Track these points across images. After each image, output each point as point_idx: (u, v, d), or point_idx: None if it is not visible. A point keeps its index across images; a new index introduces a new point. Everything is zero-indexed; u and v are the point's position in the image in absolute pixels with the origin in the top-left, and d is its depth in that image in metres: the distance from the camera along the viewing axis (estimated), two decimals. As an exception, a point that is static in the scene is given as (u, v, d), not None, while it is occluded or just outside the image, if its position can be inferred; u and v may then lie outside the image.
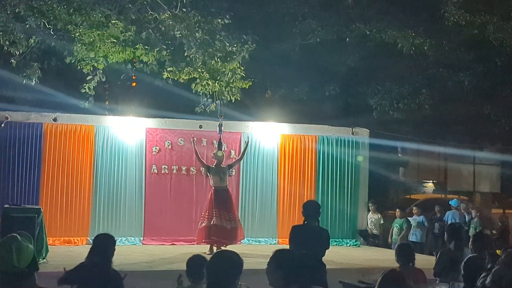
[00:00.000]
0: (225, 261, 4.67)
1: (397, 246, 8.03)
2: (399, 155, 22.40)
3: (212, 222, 13.56)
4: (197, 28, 13.71)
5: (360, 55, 17.90)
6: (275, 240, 16.60)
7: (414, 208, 18.13)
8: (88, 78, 14.58)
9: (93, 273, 6.65)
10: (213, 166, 14.10)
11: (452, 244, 8.13)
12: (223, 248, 13.43)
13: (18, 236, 4.09)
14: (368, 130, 17.91)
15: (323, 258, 8.33)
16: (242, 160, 15.73)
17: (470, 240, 8.22)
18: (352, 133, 17.55)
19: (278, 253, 5.06)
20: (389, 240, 16.85)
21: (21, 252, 4.00)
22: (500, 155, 21.30)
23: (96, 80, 14.64)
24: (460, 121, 19.74)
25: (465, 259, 6.46)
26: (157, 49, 14.07)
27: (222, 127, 14.86)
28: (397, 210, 17.35)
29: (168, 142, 16.22)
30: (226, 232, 13.59)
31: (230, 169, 14.77)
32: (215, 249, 13.36)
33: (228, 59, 14.16)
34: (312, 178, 17.16)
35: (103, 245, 6.90)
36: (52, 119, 15.54)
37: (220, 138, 14.79)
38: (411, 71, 18.35)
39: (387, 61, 18.12)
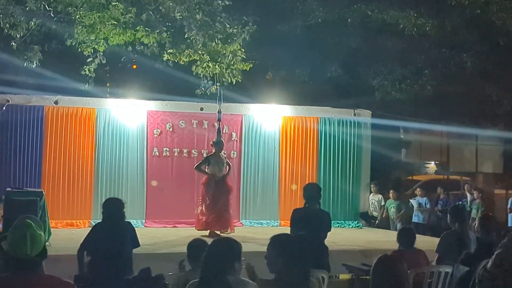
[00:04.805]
0: (221, 246, 4.68)
1: (399, 229, 8.04)
2: (401, 136, 22.35)
3: (205, 211, 13.44)
4: (197, 10, 13.65)
5: (362, 36, 17.81)
6: (277, 222, 16.59)
7: (417, 189, 18.15)
8: (88, 60, 14.53)
9: (107, 227, 7.28)
10: (212, 155, 13.78)
11: (456, 225, 8.12)
12: (218, 232, 13.31)
13: (33, 223, 4.08)
14: (370, 111, 17.84)
15: (325, 240, 8.34)
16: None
17: (476, 222, 8.20)
18: (354, 115, 17.48)
19: (276, 239, 5.06)
20: (390, 219, 16.97)
21: (35, 241, 4.01)
22: (502, 136, 21.26)
23: (97, 63, 14.58)
24: (463, 102, 19.66)
25: (478, 245, 6.45)
26: (158, 31, 14.00)
27: (221, 114, 14.79)
28: (391, 191, 17.38)
29: (169, 125, 16.19)
30: (221, 221, 13.42)
31: (229, 165, 13.95)
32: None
33: (229, 41, 14.11)
34: (314, 160, 17.14)
35: (113, 207, 7.44)
36: (53, 102, 15.52)
37: (219, 125, 14.72)
38: (413, 52, 18.26)
39: (389, 42, 18.03)
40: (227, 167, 13.79)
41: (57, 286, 3.99)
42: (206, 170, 13.63)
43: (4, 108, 15.04)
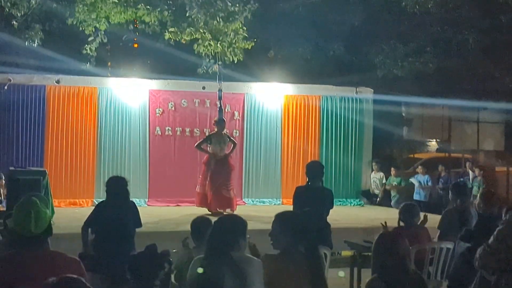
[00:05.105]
0: (227, 223, 4.74)
1: (402, 206, 8.08)
2: (403, 114, 22.35)
3: (206, 190, 13.42)
4: (198, -12, 13.59)
5: (364, 13, 17.75)
6: (279, 201, 16.66)
7: (419, 167, 18.19)
8: (89, 39, 14.51)
9: (111, 205, 7.38)
10: (213, 133, 13.72)
11: (458, 202, 8.15)
12: (220, 210, 13.31)
13: (38, 201, 4.12)
14: (372, 89, 17.83)
15: (327, 218, 8.39)
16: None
17: (478, 199, 8.23)
18: (356, 92, 17.47)
19: (281, 216, 5.11)
20: (380, 196, 17.07)
21: (39, 218, 4.05)
22: (504, 113, 21.25)
23: (98, 42, 14.56)
24: (464, 79, 19.64)
25: (478, 221, 6.48)
26: (159, 10, 13.96)
27: (222, 93, 14.78)
28: (392, 168, 17.44)
29: (171, 104, 16.20)
30: (221, 200, 13.38)
31: (233, 142, 13.95)
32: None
33: (230, 19, 14.06)
34: (316, 138, 17.15)
35: (117, 185, 7.55)
36: (55, 81, 15.51)
37: (220, 104, 14.70)
38: (415, 30, 18.20)
39: (391, 19, 17.98)
40: (232, 145, 13.80)
41: (63, 262, 4.04)
42: (208, 149, 13.64)
43: (6, 87, 15.04)
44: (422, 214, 8.18)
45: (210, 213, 12.73)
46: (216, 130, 13.69)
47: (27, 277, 3.89)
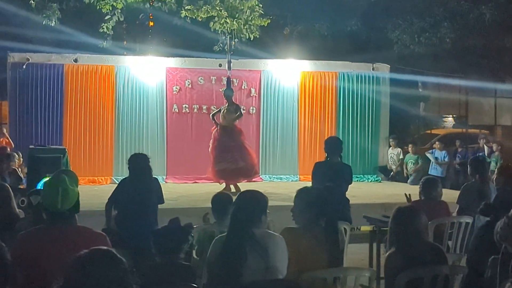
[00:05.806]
0: (249, 200, 4.74)
1: (423, 179, 8.08)
2: (420, 90, 22.27)
3: (218, 166, 13.20)
4: (215, -35, 13.57)
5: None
6: (297, 177, 16.67)
7: (436, 143, 18.14)
8: (106, 18, 14.54)
9: (134, 182, 7.59)
10: (224, 106, 13.52)
11: (477, 177, 8.16)
12: (238, 184, 13.28)
13: (67, 178, 4.18)
14: (389, 66, 17.74)
15: (346, 193, 8.43)
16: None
17: (496, 174, 8.22)
18: (373, 69, 17.39)
19: (303, 191, 5.14)
20: (405, 172, 17.02)
21: (67, 196, 4.11)
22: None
23: (115, 20, 14.59)
24: (481, 54, 19.52)
25: (497, 195, 6.49)
26: (175, -13, 13.97)
27: (231, 64, 14.75)
28: (410, 145, 17.39)
29: (188, 81, 16.24)
30: (235, 172, 13.13)
31: (239, 111, 13.58)
32: (232, 187, 13.24)
33: (246, -4, 14.05)
34: (333, 115, 17.13)
35: (139, 162, 7.75)
36: (73, 60, 15.58)
37: (228, 75, 14.67)
38: (432, 4, 18.09)
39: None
40: (239, 113, 13.51)
41: (90, 237, 4.09)
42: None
43: (24, 66, 15.14)
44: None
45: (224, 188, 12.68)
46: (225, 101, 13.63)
47: (53, 251, 3.94)
